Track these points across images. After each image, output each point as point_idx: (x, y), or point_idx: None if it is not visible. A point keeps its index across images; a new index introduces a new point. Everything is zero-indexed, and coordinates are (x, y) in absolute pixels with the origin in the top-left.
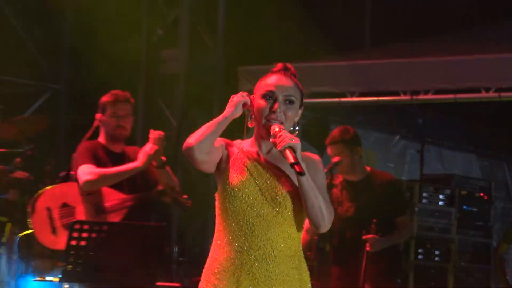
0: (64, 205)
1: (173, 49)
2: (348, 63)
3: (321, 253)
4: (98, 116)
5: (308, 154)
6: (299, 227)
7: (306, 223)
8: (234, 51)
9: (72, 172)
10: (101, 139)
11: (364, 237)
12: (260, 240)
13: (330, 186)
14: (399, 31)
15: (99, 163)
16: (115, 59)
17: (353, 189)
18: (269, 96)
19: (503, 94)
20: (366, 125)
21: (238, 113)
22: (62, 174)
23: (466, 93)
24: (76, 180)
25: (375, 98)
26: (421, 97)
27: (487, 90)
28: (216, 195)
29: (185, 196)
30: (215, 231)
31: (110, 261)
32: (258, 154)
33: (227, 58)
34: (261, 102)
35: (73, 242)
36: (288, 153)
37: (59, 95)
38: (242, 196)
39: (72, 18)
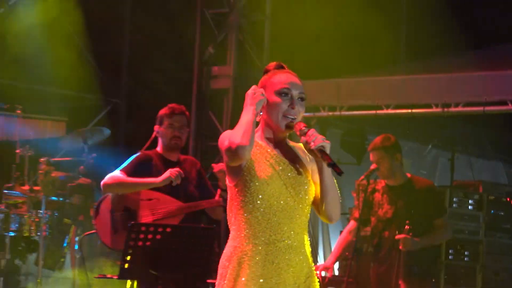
0: (126, 208)
1: (222, 65)
2: (384, 78)
3: (358, 253)
4: (156, 127)
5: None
6: (308, 218)
7: (350, 225)
8: None
9: None
10: (159, 148)
11: (397, 237)
12: (285, 232)
13: (373, 191)
14: (431, 48)
15: (156, 171)
16: (170, 75)
17: (393, 193)
18: (285, 93)
19: None
20: (400, 135)
21: (259, 108)
22: None
23: (494, 106)
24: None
25: (409, 111)
26: (452, 109)
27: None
28: (235, 189)
29: None
30: (234, 223)
31: (164, 261)
32: (274, 149)
33: None
34: (278, 99)
35: (131, 243)
36: (322, 152)
37: (119, 108)
38: (270, 190)
39: (131, 38)
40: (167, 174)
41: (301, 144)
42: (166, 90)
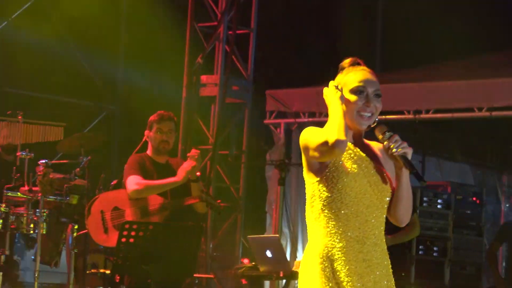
0: (115, 208)
1: (210, 75)
2: None
3: None
4: (146, 132)
5: (376, 143)
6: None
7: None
8: (263, 76)
9: (123, 180)
10: (149, 152)
11: None
12: (371, 229)
13: None
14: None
15: (146, 172)
16: (162, 83)
17: None
18: (360, 91)
19: (494, 113)
20: (375, 139)
21: (343, 103)
22: (114, 182)
23: (461, 112)
24: (125, 187)
25: (383, 117)
26: (423, 116)
27: (480, 109)
28: (318, 186)
29: (219, 201)
30: (319, 220)
31: (154, 256)
32: (355, 146)
33: (256, 83)
34: (353, 97)
35: (123, 240)
36: (405, 159)
37: (114, 114)
38: (358, 187)
39: (126, 48)
40: (183, 172)
41: (376, 143)
42: (157, 97)
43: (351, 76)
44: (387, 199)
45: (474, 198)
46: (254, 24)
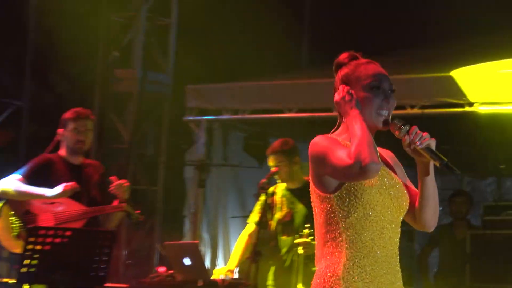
0: (27, 212)
1: (127, 69)
2: (287, 82)
3: (258, 257)
4: (60, 131)
5: (382, 149)
6: None
7: (249, 228)
8: (182, 71)
9: None
10: (62, 152)
11: (296, 241)
12: (393, 248)
13: (272, 194)
14: (333, 53)
15: (58, 174)
16: (74, 78)
17: (291, 195)
18: (376, 86)
19: (426, 111)
20: (302, 139)
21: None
22: None
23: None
24: None
25: (311, 114)
26: None
27: (412, 107)
28: (335, 201)
29: (138, 211)
30: (339, 238)
31: (63, 264)
32: None
33: (176, 77)
34: (368, 94)
35: (29, 246)
36: (431, 152)
37: (21, 110)
38: (383, 201)
39: (34, 38)
40: (59, 189)
41: (380, 148)
42: (69, 93)
43: (362, 71)
44: (405, 211)
45: None
46: (174, 15)
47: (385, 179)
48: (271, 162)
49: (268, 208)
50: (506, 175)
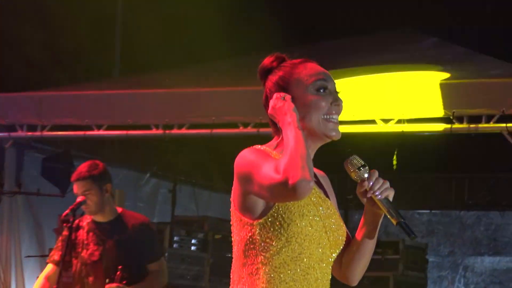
0: None
1: None
2: (95, 92)
3: None
4: None
5: (317, 170)
6: None
7: (49, 270)
8: None
9: None
10: None
11: (107, 285)
12: None
13: (77, 228)
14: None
15: None
16: None
17: (101, 231)
18: (323, 87)
19: (261, 129)
20: (114, 161)
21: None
22: None
23: (223, 128)
24: None
25: (125, 132)
26: (175, 131)
27: (246, 125)
28: (257, 229)
29: None
30: (254, 277)
31: None
32: None
33: None
34: (316, 97)
35: None
36: (389, 205)
37: None
38: (313, 234)
39: None
40: None
41: (317, 170)
42: None
43: (302, 70)
44: (339, 250)
45: None
46: None
47: (320, 207)
48: (76, 189)
49: (72, 246)
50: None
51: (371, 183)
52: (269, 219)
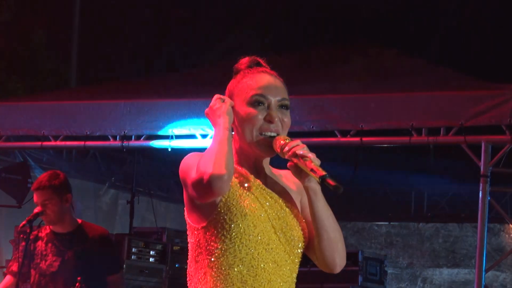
0: None
1: None
2: (52, 103)
3: None
4: None
5: (288, 172)
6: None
7: (6, 281)
8: None
9: None
10: None
11: None
12: None
13: (35, 239)
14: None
15: None
16: None
17: (60, 242)
18: (260, 102)
19: None
20: (72, 172)
21: (231, 120)
22: None
23: (181, 140)
24: None
25: (82, 143)
26: (133, 142)
27: (204, 136)
28: (204, 233)
29: None
30: (203, 280)
31: None
32: (256, 177)
33: None
34: (251, 111)
35: None
36: (306, 162)
37: None
38: (258, 235)
39: None
40: None
41: (287, 171)
42: None
43: (246, 81)
44: (299, 251)
45: None
46: None
47: (269, 207)
48: (36, 199)
49: (30, 256)
50: None
51: (286, 145)
52: (212, 222)
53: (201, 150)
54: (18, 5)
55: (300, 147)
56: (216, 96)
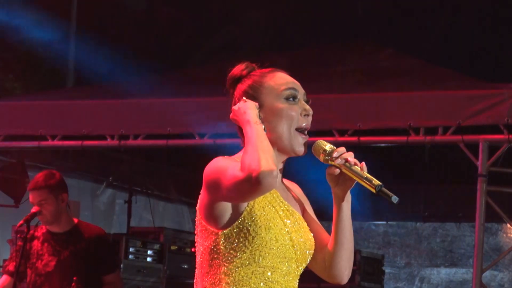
0: None
1: None
2: (49, 102)
3: None
4: None
5: (289, 182)
6: None
7: (2, 280)
8: None
9: None
10: None
11: None
12: None
13: (32, 239)
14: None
15: None
16: None
17: (56, 241)
18: (294, 96)
19: (218, 140)
20: (69, 172)
21: (257, 114)
22: None
23: (179, 139)
24: None
25: (79, 143)
26: (130, 142)
27: (202, 136)
28: (221, 240)
29: None
30: (217, 282)
31: None
32: (274, 189)
33: None
34: (288, 106)
35: None
36: (360, 172)
37: None
38: (278, 248)
39: None
40: None
41: (290, 182)
42: None
43: (271, 79)
44: (307, 263)
45: (193, 249)
46: None
47: (288, 221)
48: (32, 199)
49: (26, 256)
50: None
51: (334, 155)
52: (235, 230)
53: (199, 149)
54: None
55: (350, 154)
56: (243, 100)
